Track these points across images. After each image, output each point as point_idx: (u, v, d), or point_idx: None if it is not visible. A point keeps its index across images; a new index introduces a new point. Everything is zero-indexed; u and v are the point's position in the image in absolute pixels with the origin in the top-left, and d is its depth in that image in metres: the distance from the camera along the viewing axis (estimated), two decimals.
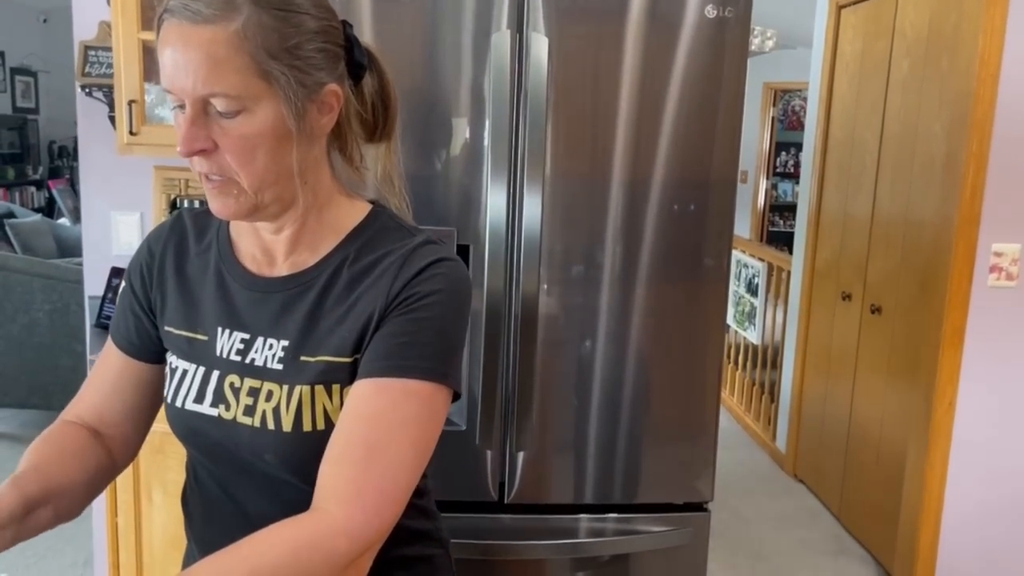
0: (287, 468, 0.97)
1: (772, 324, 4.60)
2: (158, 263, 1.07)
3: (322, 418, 0.95)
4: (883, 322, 3.39)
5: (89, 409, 1.07)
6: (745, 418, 4.90)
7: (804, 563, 3.38)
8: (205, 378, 0.99)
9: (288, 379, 0.96)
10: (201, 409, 0.99)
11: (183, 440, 1.04)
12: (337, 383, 0.96)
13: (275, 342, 0.98)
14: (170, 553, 2.20)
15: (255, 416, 0.96)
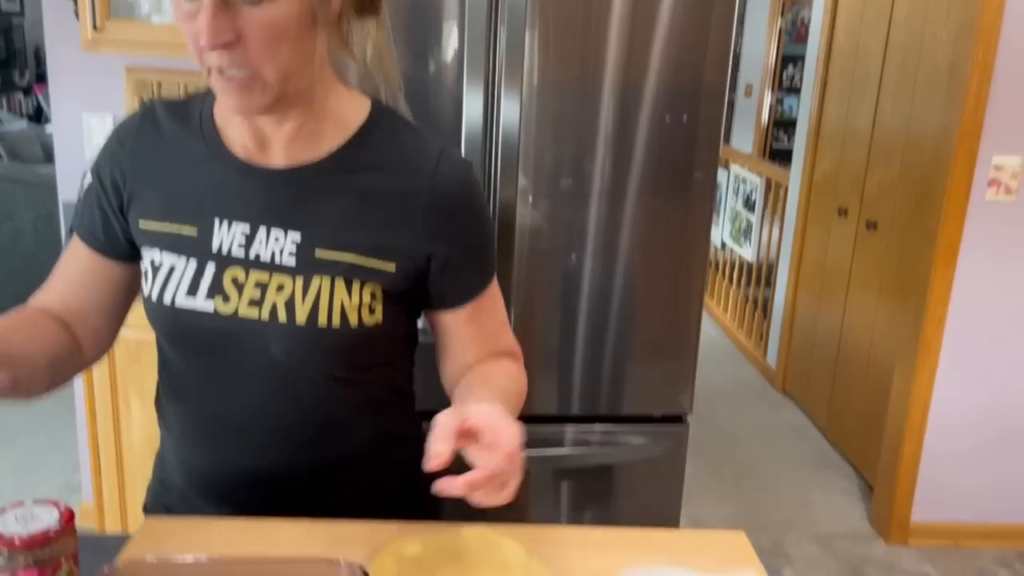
0: (294, 361, 0.96)
1: (768, 241, 4.55)
2: (130, 155, 1.01)
3: (338, 315, 0.94)
4: (878, 238, 3.34)
5: (56, 299, 1.03)
6: (737, 334, 4.90)
7: (788, 477, 3.42)
8: (198, 272, 0.96)
9: (303, 272, 0.94)
10: (194, 304, 0.96)
11: (168, 338, 1.00)
12: (359, 281, 0.95)
13: (282, 234, 0.95)
14: (150, 457, 2.20)
15: (263, 308, 0.94)
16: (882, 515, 3.03)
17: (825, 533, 3.02)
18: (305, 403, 0.99)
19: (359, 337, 0.96)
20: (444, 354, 1.10)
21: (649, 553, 0.95)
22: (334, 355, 0.97)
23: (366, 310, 0.96)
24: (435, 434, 0.80)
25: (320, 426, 1.02)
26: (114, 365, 2.17)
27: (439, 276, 1.00)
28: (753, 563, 0.95)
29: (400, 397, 1.12)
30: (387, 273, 0.97)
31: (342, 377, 1.00)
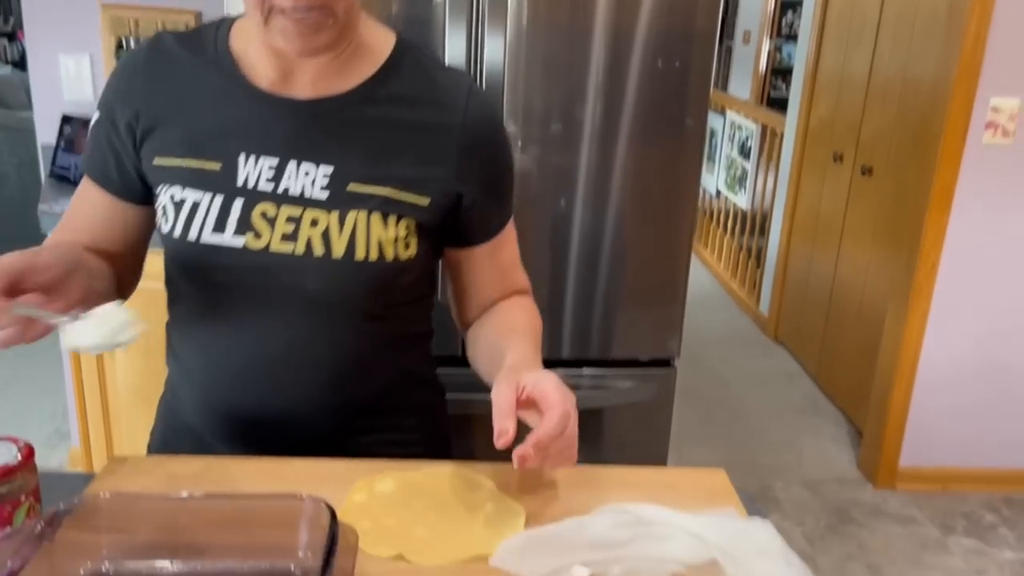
0: (330, 296, 0.94)
1: (762, 189, 4.50)
2: (141, 89, 0.97)
3: (376, 249, 0.93)
4: (873, 183, 3.30)
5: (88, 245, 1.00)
6: (730, 283, 4.88)
7: (778, 421, 3.43)
8: (225, 207, 0.93)
9: (338, 206, 0.93)
10: (222, 240, 0.93)
11: (192, 277, 0.97)
12: (395, 215, 0.94)
13: (313, 167, 0.93)
14: (135, 403, 2.20)
15: (297, 242, 0.92)
16: (870, 460, 3.04)
17: (813, 478, 3.04)
18: (336, 341, 0.98)
19: (394, 272, 0.96)
20: (462, 292, 1.09)
21: (627, 490, 0.93)
22: (370, 290, 0.96)
23: (401, 244, 0.95)
24: (497, 410, 0.81)
25: (349, 365, 1.00)
26: None
27: (467, 212, 1.00)
28: (733, 501, 0.93)
29: (423, 337, 1.11)
30: (421, 207, 0.96)
31: (374, 314, 0.99)
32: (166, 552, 0.76)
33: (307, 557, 0.77)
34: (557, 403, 0.81)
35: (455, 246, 1.05)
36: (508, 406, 0.82)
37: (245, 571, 0.76)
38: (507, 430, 0.80)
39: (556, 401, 0.81)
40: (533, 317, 1.07)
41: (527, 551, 0.81)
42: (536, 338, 1.02)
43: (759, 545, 0.81)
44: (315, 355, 0.98)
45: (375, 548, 0.81)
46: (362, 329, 0.99)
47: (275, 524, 0.77)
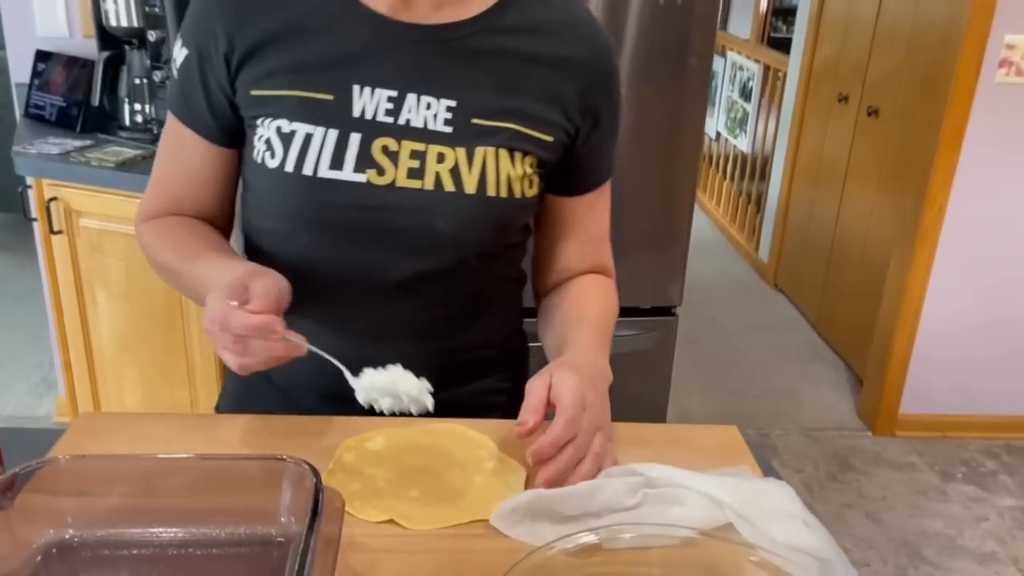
0: (456, 233, 0.90)
1: (764, 131, 4.40)
2: (235, 14, 0.88)
3: (505, 186, 0.89)
4: (879, 125, 3.21)
5: (191, 205, 0.96)
6: (729, 229, 4.81)
7: (777, 369, 3.39)
8: (341, 142, 0.86)
9: (463, 142, 0.88)
10: (341, 176, 0.86)
11: (306, 218, 0.89)
12: (520, 151, 0.90)
13: (434, 101, 0.88)
14: (119, 354, 2.13)
15: (425, 179, 0.87)
16: (870, 407, 3.01)
17: (812, 426, 3.01)
18: (452, 281, 0.94)
19: (520, 210, 0.93)
20: (548, 252, 1.05)
21: (635, 448, 0.87)
22: (495, 228, 0.93)
23: (527, 182, 0.92)
24: (525, 404, 0.80)
25: (460, 308, 0.97)
26: (76, 256, 2.07)
27: (580, 154, 0.97)
28: (746, 458, 0.87)
29: (520, 283, 1.07)
30: (545, 143, 0.92)
31: (491, 254, 0.96)
32: (136, 518, 0.70)
33: (290, 522, 0.71)
34: (566, 407, 0.78)
35: (559, 192, 1.00)
36: (537, 401, 0.80)
37: (222, 537, 0.70)
38: (525, 423, 0.78)
39: (566, 405, 0.78)
40: (609, 305, 1.03)
41: (529, 514, 0.75)
42: (605, 331, 0.97)
43: (776, 507, 0.76)
44: (427, 297, 0.93)
45: (364, 512, 0.76)
46: (477, 269, 0.95)
47: (255, 487, 0.71)
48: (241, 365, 0.77)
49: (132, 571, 0.66)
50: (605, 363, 0.91)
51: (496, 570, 0.69)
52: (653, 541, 0.70)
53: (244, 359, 0.77)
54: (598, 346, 0.92)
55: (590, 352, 0.89)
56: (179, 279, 0.93)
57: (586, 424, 0.79)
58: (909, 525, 2.50)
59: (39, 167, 2.02)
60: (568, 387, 0.80)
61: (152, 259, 0.96)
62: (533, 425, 0.78)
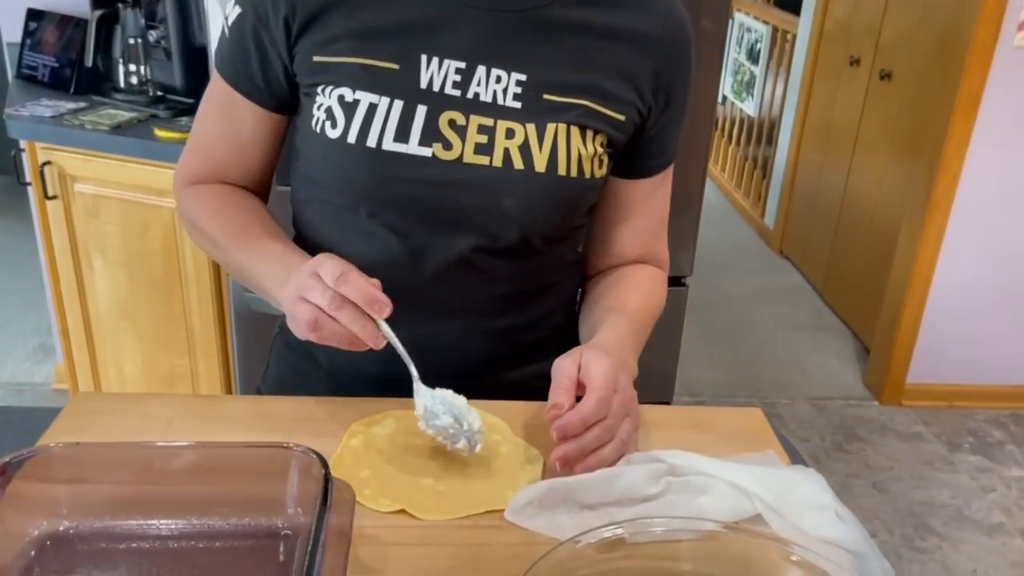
0: (523, 212, 0.86)
1: (771, 95, 4.32)
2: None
3: (576, 165, 0.86)
4: (892, 89, 3.14)
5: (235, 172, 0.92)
6: (735, 194, 4.75)
7: (783, 337, 3.36)
8: (407, 114, 0.82)
9: (534, 118, 0.85)
10: (406, 149, 0.82)
11: (366, 192, 0.85)
12: (592, 130, 0.87)
13: (504, 74, 0.84)
14: (117, 322, 2.09)
15: (494, 155, 0.84)
16: (877, 376, 2.98)
17: (818, 395, 2.98)
18: (514, 262, 0.90)
19: (588, 191, 0.90)
20: (605, 235, 1.00)
21: (654, 431, 0.84)
22: (563, 208, 0.89)
23: (597, 162, 0.88)
24: (555, 384, 0.77)
25: (520, 289, 0.93)
26: (72, 222, 2.02)
27: (648, 135, 0.93)
28: (772, 443, 0.84)
29: (578, 265, 1.02)
30: (617, 122, 0.88)
31: (556, 235, 0.92)
32: (135, 508, 0.66)
33: (297, 513, 0.68)
34: (598, 387, 0.75)
35: (623, 174, 0.96)
36: (568, 381, 0.76)
37: (225, 529, 0.67)
38: (561, 405, 0.74)
39: (598, 385, 0.75)
40: (652, 298, 0.99)
41: (547, 505, 0.71)
42: (640, 325, 0.93)
43: (807, 498, 0.72)
44: (486, 275, 0.89)
45: (374, 501, 0.72)
46: (540, 250, 0.91)
47: (259, 476, 0.68)
48: (313, 325, 0.73)
49: (130, 565, 0.63)
50: (632, 358, 0.87)
51: (516, 564, 0.66)
52: (680, 535, 0.67)
53: (324, 324, 0.73)
54: (628, 338, 0.88)
55: (619, 343, 0.86)
56: (226, 255, 0.90)
57: (617, 407, 0.75)
58: (915, 496, 2.49)
59: (32, 130, 1.96)
60: (600, 367, 0.76)
61: (193, 226, 0.93)
62: (566, 407, 0.75)
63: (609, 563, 0.66)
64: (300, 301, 0.74)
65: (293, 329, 0.76)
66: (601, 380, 0.75)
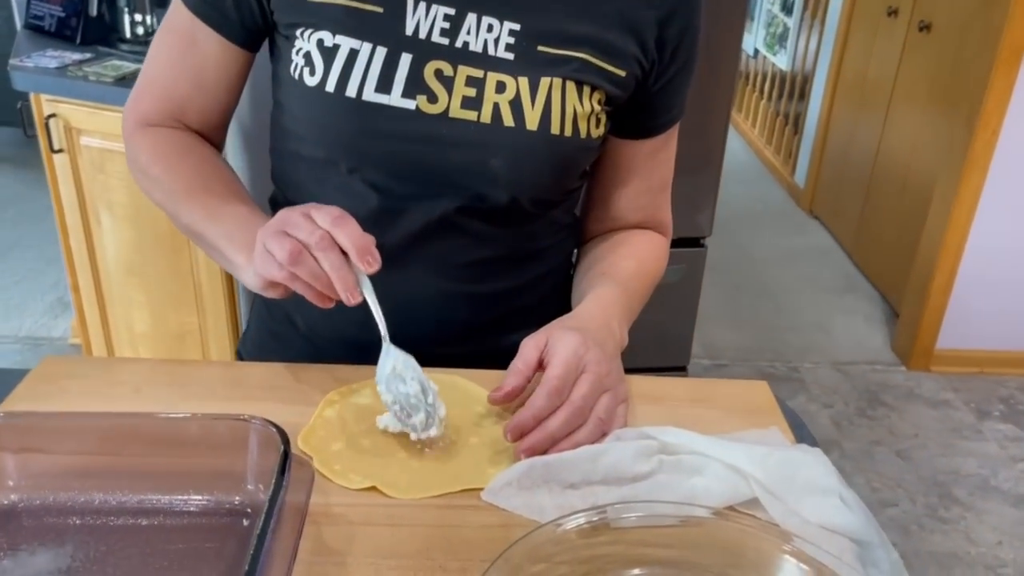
0: (512, 173, 0.80)
1: (805, 48, 4.17)
2: None
3: (571, 123, 0.80)
4: (931, 41, 3.00)
5: (195, 113, 0.86)
6: (765, 151, 4.62)
7: (809, 300, 3.27)
8: (391, 61, 0.76)
9: (527, 71, 0.78)
10: (387, 100, 0.77)
11: (344, 145, 0.79)
12: (589, 86, 0.80)
13: (496, 23, 0.78)
14: (126, 278, 2.07)
15: (482, 110, 0.78)
16: (905, 341, 2.89)
17: (843, 359, 2.90)
18: (502, 225, 0.85)
19: (583, 151, 0.84)
20: (602, 198, 0.94)
21: (649, 405, 0.78)
22: (557, 171, 0.83)
23: (594, 120, 0.82)
24: (512, 364, 0.72)
25: (508, 253, 0.87)
26: (79, 177, 1.99)
27: (651, 93, 0.86)
28: (777, 419, 0.78)
29: (572, 229, 0.96)
30: (617, 78, 0.82)
31: (548, 199, 0.86)
32: (86, 482, 0.63)
33: (257, 490, 0.63)
34: (552, 377, 0.69)
35: (623, 134, 0.89)
36: (523, 364, 0.71)
37: (180, 507, 0.63)
38: (503, 387, 0.70)
39: (552, 375, 0.70)
40: (649, 264, 0.93)
41: (526, 485, 0.67)
42: (633, 293, 0.87)
43: (809, 480, 0.67)
44: (471, 236, 0.84)
45: (344, 477, 0.68)
46: (530, 214, 0.86)
47: (218, 450, 0.63)
48: (294, 258, 0.66)
49: (78, 543, 0.59)
50: (621, 326, 0.81)
51: (490, 547, 0.62)
52: (667, 520, 0.62)
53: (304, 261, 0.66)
54: (618, 306, 0.82)
55: (606, 311, 0.80)
56: (178, 208, 0.83)
57: (586, 386, 0.70)
58: (941, 464, 2.42)
59: (36, 81, 1.92)
60: (561, 350, 0.70)
61: (144, 173, 0.86)
62: (510, 390, 0.70)
63: (590, 549, 0.61)
64: (281, 235, 0.67)
65: (259, 268, 0.69)
66: (558, 367, 0.69)
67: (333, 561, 0.60)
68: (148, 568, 0.58)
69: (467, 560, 0.61)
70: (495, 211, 0.83)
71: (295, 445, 0.69)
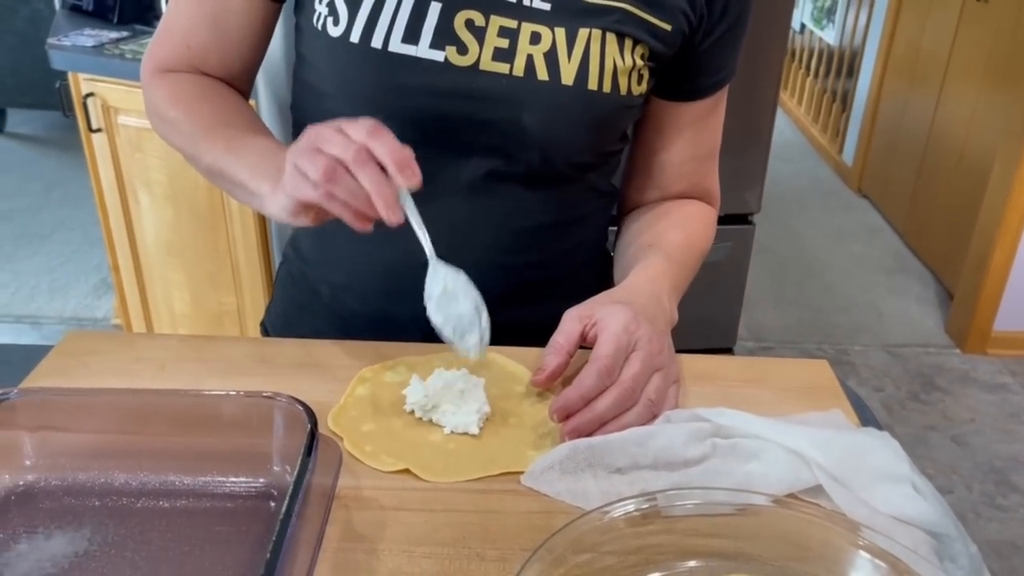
0: (547, 132, 0.75)
1: (854, 22, 4.03)
2: None
3: (610, 78, 0.75)
4: (989, 11, 2.87)
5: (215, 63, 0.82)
6: (811, 129, 4.49)
7: (858, 280, 3.17)
8: (418, 11, 0.72)
9: (564, 20, 0.74)
10: (415, 51, 0.73)
11: (370, 99, 0.75)
12: (631, 39, 0.75)
13: None
14: (165, 257, 2.06)
15: (515, 62, 0.73)
16: (960, 323, 2.79)
17: (895, 341, 2.81)
18: (540, 189, 0.80)
19: (623, 109, 0.79)
20: (645, 166, 0.88)
21: (701, 385, 0.74)
22: (595, 130, 0.78)
23: (636, 76, 0.77)
24: (551, 343, 0.67)
25: (547, 220, 0.82)
26: (117, 156, 1.98)
27: (700, 46, 0.80)
28: (839, 401, 0.73)
29: (611, 197, 0.91)
30: (661, 32, 0.76)
31: (585, 161, 0.82)
32: (106, 462, 0.60)
33: (284, 471, 0.60)
34: (601, 356, 0.64)
35: (668, 96, 0.84)
36: (565, 340, 0.67)
37: (205, 488, 0.60)
38: (544, 368, 0.65)
39: (601, 354, 0.64)
40: (697, 234, 0.87)
41: (570, 469, 0.62)
42: (682, 264, 0.82)
43: (879, 467, 0.61)
44: (504, 203, 0.80)
45: (376, 458, 0.64)
46: (566, 177, 0.81)
47: (244, 429, 0.60)
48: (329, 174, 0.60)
49: (96, 525, 0.56)
50: (671, 301, 0.76)
51: (529, 536, 0.58)
52: (723, 508, 0.57)
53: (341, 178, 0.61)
54: (664, 279, 0.77)
55: (655, 284, 0.74)
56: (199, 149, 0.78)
57: (637, 365, 0.65)
58: (998, 450, 2.33)
59: (73, 60, 1.92)
60: (611, 327, 0.65)
61: (161, 117, 0.82)
62: (553, 370, 0.65)
63: (639, 538, 0.57)
64: (314, 152, 0.62)
65: (291, 190, 0.63)
66: (608, 344, 0.64)
67: (363, 548, 0.56)
68: (169, 553, 0.55)
69: (506, 549, 0.57)
70: (528, 174, 0.78)
71: (324, 425, 0.66)
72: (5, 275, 2.96)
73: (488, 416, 0.68)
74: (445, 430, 0.66)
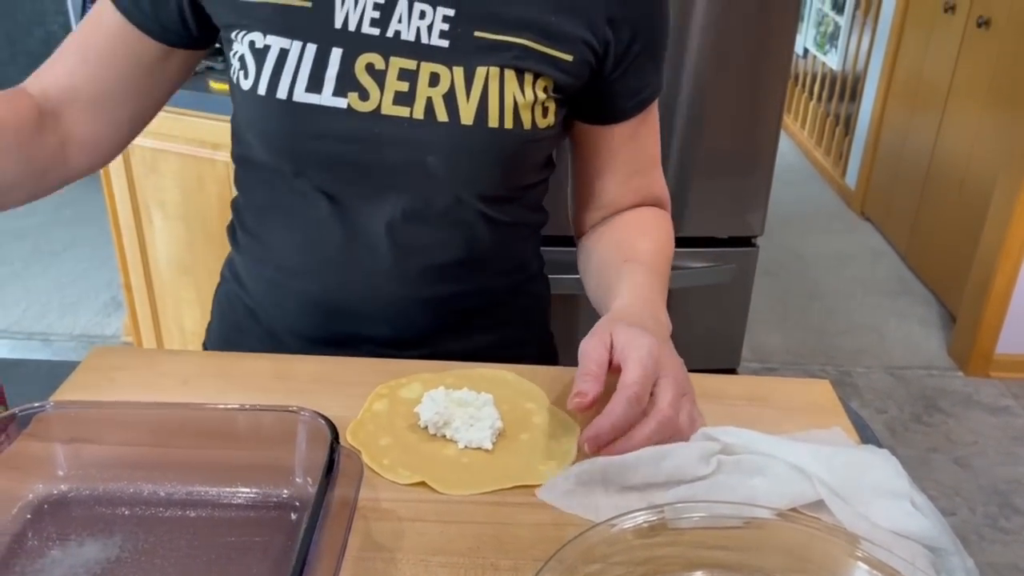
0: (451, 171, 0.77)
1: (857, 46, 4.08)
2: None
3: (511, 115, 0.76)
4: (990, 38, 2.91)
5: (59, 81, 0.79)
6: (814, 152, 4.53)
7: (861, 302, 3.19)
8: (320, 59, 0.74)
9: (462, 59, 0.75)
10: (319, 100, 0.75)
11: (276, 146, 0.78)
12: (532, 73, 0.76)
13: (428, 8, 0.74)
14: (178, 278, 2.09)
15: (415, 105, 0.75)
16: (963, 345, 2.81)
17: (898, 363, 2.83)
18: (450, 226, 0.82)
19: (530, 143, 0.79)
20: (586, 189, 0.90)
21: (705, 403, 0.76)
22: (498, 165, 0.79)
23: (540, 109, 0.78)
24: (582, 369, 0.66)
25: (460, 255, 0.83)
26: (132, 177, 2.01)
27: (612, 73, 0.81)
28: (840, 419, 0.75)
29: (538, 226, 0.93)
30: (563, 64, 0.77)
31: (496, 195, 0.83)
32: (136, 472, 0.62)
33: (306, 483, 0.62)
34: (628, 384, 0.64)
35: (591, 121, 0.86)
36: (597, 367, 0.66)
37: (230, 499, 0.62)
38: (584, 394, 0.64)
39: (628, 382, 0.64)
40: (663, 239, 0.89)
41: (584, 481, 0.64)
42: (661, 273, 0.84)
43: (878, 483, 0.64)
44: (423, 241, 0.81)
45: (393, 471, 0.66)
46: (480, 213, 0.83)
47: (267, 442, 0.62)
48: None
49: (127, 534, 0.59)
50: (663, 311, 0.78)
51: (541, 547, 0.60)
52: (728, 521, 0.59)
53: None
54: (654, 290, 0.79)
55: (648, 302, 0.76)
56: None
57: (671, 394, 0.65)
58: (1001, 473, 2.34)
59: None
60: (635, 355, 0.65)
61: None
62: (594, 397, 0.65)
63: (647, 550, 0.59)
64: None
65: None
66: (635, 372, 0.64)
67: (382, 557, 0.59)
68: (196, 560, 0.57)
69: (519, 559, 0.59)
70: (445, 211, 0.80)
71: (344, 439, 0.68)
72: (17, 292, 3.00)
73: (501, 431, 0.70)
74: (459, 445, 0.69)
